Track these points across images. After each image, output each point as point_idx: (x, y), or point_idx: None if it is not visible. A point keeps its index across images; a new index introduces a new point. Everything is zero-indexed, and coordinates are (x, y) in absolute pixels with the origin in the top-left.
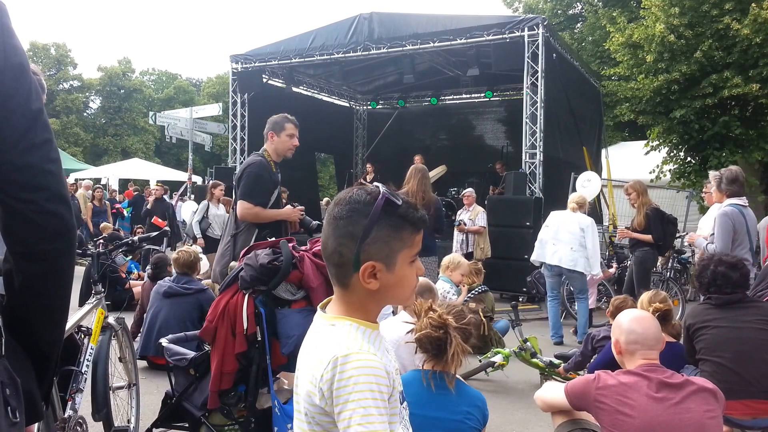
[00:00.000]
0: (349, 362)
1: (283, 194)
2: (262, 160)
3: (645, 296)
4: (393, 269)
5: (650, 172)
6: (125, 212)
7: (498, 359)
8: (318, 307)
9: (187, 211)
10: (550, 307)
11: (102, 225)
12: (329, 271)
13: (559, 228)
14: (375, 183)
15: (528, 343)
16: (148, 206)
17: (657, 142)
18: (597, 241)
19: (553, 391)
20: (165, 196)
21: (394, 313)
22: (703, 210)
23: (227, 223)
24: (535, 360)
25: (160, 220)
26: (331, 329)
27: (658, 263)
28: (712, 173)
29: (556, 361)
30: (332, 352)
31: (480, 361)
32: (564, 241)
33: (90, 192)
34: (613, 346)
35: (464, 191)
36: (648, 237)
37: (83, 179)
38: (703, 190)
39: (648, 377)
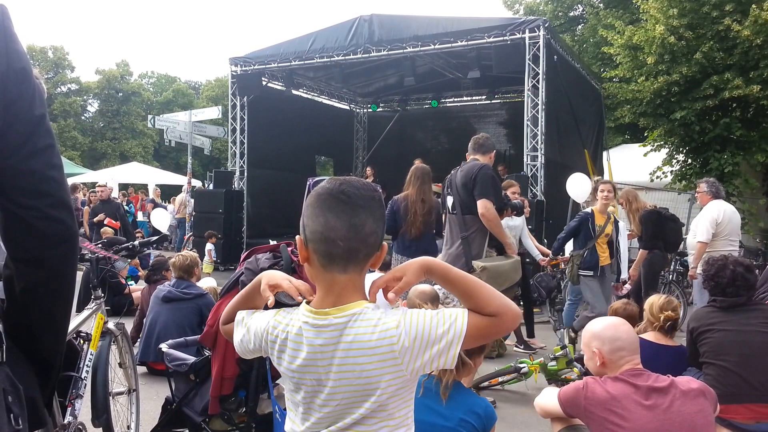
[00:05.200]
0: (401, 323)
1: None
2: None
3: (656, 302)
4: None
5: (650, 173)
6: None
7: (525, 369)
8: (315, 310)
9: (157, 215)
10: (567, 311)
11: (102, 230)
12: (352, 255)
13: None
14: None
15: (566, 349)
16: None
17: (656, 144)
18: (626, 244)
19: (549, 398)
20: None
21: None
22: None
23: (452, 225)
24: (567, 370)
25: (113, 222)
26: (368, 312)
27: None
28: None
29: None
30: (394, 319)
31: (496, 370)
32: None
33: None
34: (591, 358)
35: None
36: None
37: (81, 183)
38: (696, 190)
39: (635, 384)
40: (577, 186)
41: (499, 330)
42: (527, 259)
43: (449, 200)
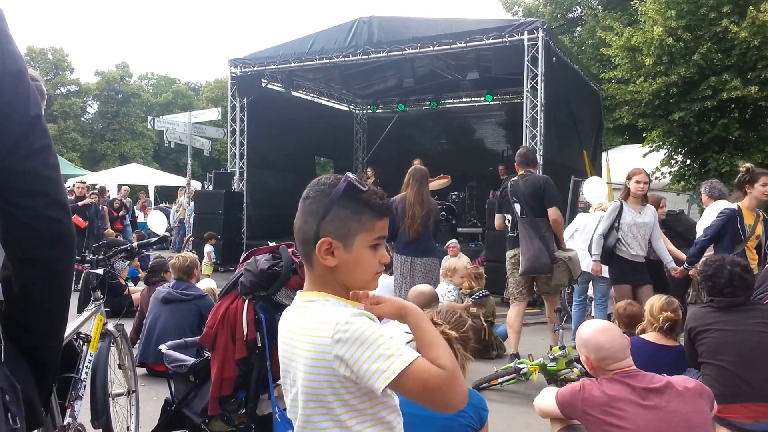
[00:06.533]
0: (351, 322)
1: None
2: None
3: (656, 302)
4: (350, 249)
5: (649, 174)
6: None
7: (524, 369)
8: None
9: (154, 218)
10: (574, 312)
11: (106, 231)
12: (301, 252)
13: (588, 232)
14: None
15: (565, 350)
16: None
17: (655, 145)
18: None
19: (548, 399)
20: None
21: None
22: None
23: (525, 227)
24: (567, 371)
25: (80, 220)
26: (311, 304)
27: None
28: None
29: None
30: (332, 320)
31: (495, 370)
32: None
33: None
34: (584, 363)
35: (449, 243)
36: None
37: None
38: (701, 191)
39: (631, 385)
40: (594, 189)
41: (443, 389)
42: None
43: (517, 207)
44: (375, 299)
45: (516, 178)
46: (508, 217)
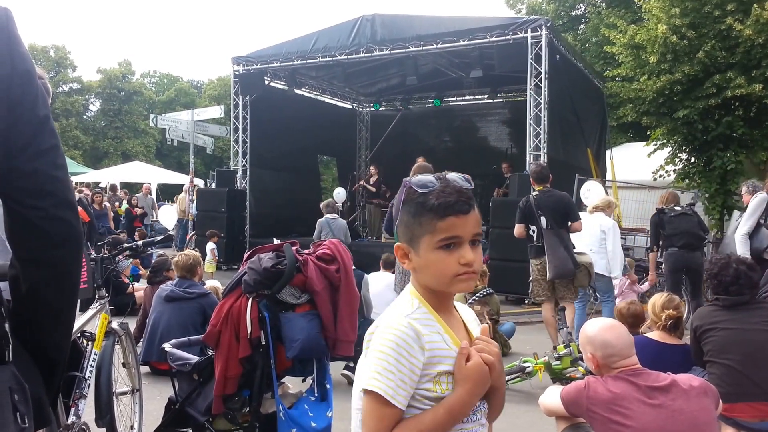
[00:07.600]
0: (382, 329)
1: None
2: None
3: (657, 301)
4: (419, 253)
5: (653, 172)
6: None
7: (529, 368)
8: None
9: (164, 213)
10: (578, 313)
11: (120, 233)
12: None
13: (584, 231)
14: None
15: (570, 348)
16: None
17: (659, 143)
18: (618, 244)
19: (553, 397)
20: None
21: None
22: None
23: (550, 237)
24: (572, 369)
25: (85, 214)
26: (400, 296)
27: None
28: None
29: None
30: (381, 319)
31: None
32: (584, 243)
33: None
34: (589, 361)
35: None
36: None
37: (83, 183)
38: (741, 191)
39: (636, 383)
40: (591, 192)
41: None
42: None
43: (542, 219)
44: (466, 350)
45: (537, 193)
46: (532, 227)
